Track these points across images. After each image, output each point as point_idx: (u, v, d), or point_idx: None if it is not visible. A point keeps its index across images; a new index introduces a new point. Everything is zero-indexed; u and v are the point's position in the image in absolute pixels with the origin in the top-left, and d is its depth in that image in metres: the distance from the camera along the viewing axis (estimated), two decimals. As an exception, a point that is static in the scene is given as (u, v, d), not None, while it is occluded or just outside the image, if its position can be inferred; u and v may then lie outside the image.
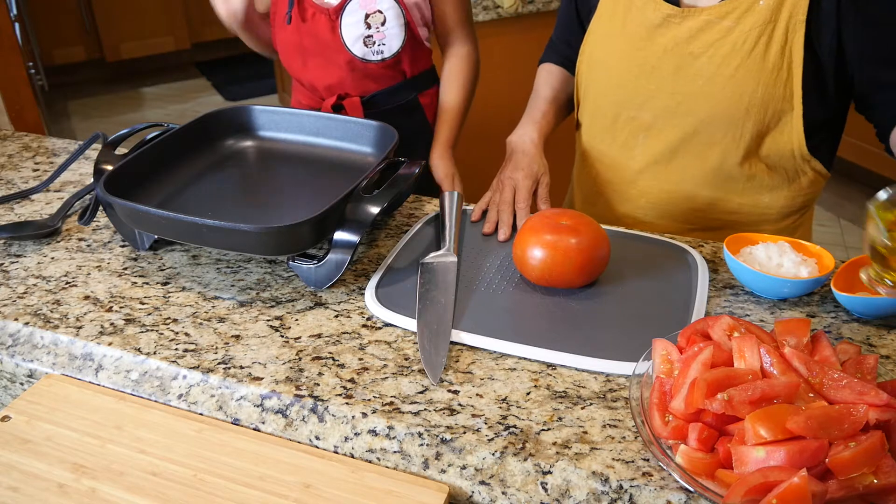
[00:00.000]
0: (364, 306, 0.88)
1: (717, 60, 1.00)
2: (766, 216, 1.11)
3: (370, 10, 1.25)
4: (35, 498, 0.68)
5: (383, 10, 1.26)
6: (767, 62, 0.98)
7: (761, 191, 1.08)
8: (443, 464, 0.70)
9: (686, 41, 1.02)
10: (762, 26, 0.97)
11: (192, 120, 1.12)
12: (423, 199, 1.13)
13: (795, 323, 0.74)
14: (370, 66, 1.30)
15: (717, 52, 1.00)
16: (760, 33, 0.97)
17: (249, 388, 0.77)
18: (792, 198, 1.10)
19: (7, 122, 2.32)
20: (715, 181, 1.08)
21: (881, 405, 0.63)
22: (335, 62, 1.31)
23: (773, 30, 0.97)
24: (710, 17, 1.00)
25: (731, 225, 1.12)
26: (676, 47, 1.03)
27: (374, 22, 1.26)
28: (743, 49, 0.98)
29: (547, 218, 0.90)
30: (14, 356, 0.85)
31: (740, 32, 0.98)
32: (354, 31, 1.27)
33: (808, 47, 0.97)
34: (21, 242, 1.03)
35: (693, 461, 0.64)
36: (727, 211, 1.11)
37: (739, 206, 1.10)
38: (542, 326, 0.84)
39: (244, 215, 0.99)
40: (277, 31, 1.35)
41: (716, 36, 1.00)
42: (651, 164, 1.11)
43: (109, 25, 3.95)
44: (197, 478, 0.70)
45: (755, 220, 1.11)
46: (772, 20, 0.97)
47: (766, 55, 0.98)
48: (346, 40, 1.27)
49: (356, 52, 1.28)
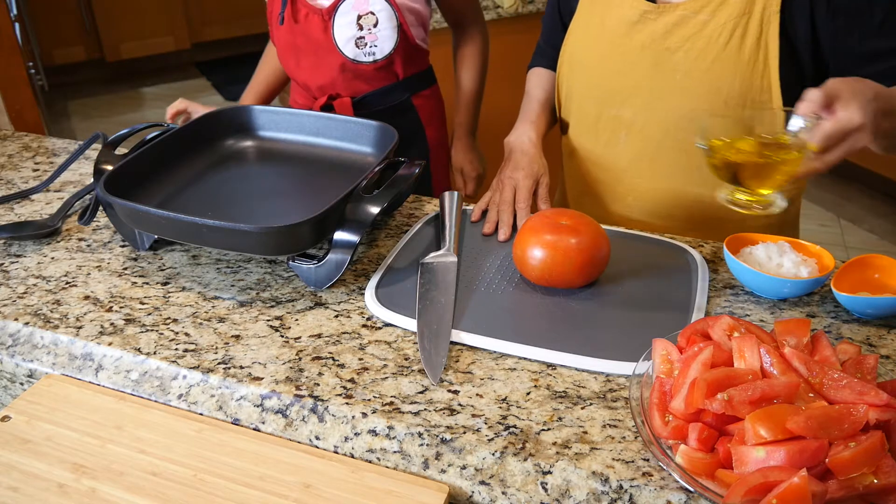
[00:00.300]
0: (364, 306, 0.88)
1: (693, 55, 1.01)
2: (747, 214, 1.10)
3: (362, 12, 1.25)
4: (35, 498, 0.68)
5: (376, 12, 1.26)
6: (743, 54, 0.98)
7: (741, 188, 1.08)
8: (443, 464, 0.70)
9: (662, 37, 1.03)
10: (737, 19, 0.98)
11: (191, 120, 1.12)
12: (423, 199, 1.13)
13: (795, 323, 0.74)
14: (361, 68, 1.30)
15: (693, 47, 1.01)
16: (735, 26, 0.98)
17: (249, 388, 0.77)
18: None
19: (7, 122, 2.32)
20: (699, 177, 1.08)
21: (881, 405, 0.63)
22: (327, 63, 1.31)
23: (748, 22, 0.97)
24: (686, 12, 1.01)
25: (718, 222, 1.12)
26: (653, 43, 1.04)
27: (367, 23, 1.26)
28: (718, 42, 0.99)
29: (547, 218, 0.90)
30: (14, 356, 0.85)
31: (715, 26, 0.99)
32: (346, 33, 1.27)
33: (783, 38, 0.97)
34: (21, 242, 1.03)
35: (693, 461, 0.64)
36: (714, 207, 1.11)
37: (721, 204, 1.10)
38: (542, 326, 0.84)
39: (244, 215, 0.99)
40: (273, 29, 1.35)
41: (691, 30, 1.01)
42: (635, 161, 1.12)
43: (109, 25, 3.95)
44: (197, 478, 0.70)
45: (743, 216, 1.11)
46: (746, 12, 0.97)
47: (742, 47, 0.98)
48: (337, 41, 1.27)
49: (348, 54, 1.28)
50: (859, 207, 2.98)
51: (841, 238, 2.82)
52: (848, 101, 0.80)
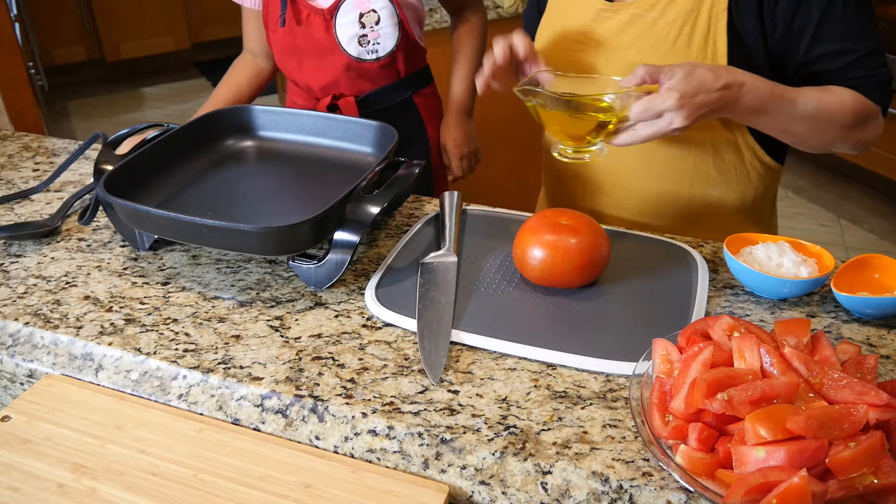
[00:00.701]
0: (364, 306, 0.88)
1: (644, 53, 1.02)
2: (718, 210, 1.12)
3: (364, 10, 1.26)
4: (35, 498, 0.68)
5: (377, 10, 1.26)
6: (691, 51, 0.99)
7: (709, 185, 1.10)
8: (443, 464, 0.70)
9: (616, 34, 1.04)
10: (685, 16, 0.99)
11: (192, 120, 1.12)
12: (423, 199, 1.13)
13: (795, 323, 0.74)
14: (365, 66, 1.30)
15: (645, 45, 1.02)
16: (683, 23, 0.99)
17: (249, 388, 0.77)
18: (742, 192, 1.11)
19: (7, 122, 2.32)
20: (661, 174, 1.10)
21: (881, 405, 0.63)
22: (330, 62, 1.31)
23: (696, 19, 0.98)
24: (638, 10, 1.02)
25: (685, 218, 1.13)
26: (608, 41, 1.05)
27: (369, 21, 1.26)
28: (667, 40, 1.00)
29: (547, 218, 0.90)
30: (14, 356, 0.85)
31: (664, 23, 1.00)
32: (349, 31, 1.27)
33: (733, 36, 0.98)
34: (21, 242, 1.03)
35: (693, 461, 0.64)
36: (679, 204, 1.12)
37: (689, 200, 1.11)
38: (542, 326, 0.84)
39: (244, 215, 0.99)
40: (270, 33, 1.35)
41: (642, 28, 1.02)
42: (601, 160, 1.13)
43: (109, 25, 3.95)
44: (197, 478, 0.70)
45: (711, 213, 1.13)
46: (694, 10, 0.98)
47: (690, 45, 0.99)
48: (340, 40, 1.27)
49: (351, 52, 1.29)
50: (859, 207, 2.98)
51: (841, 238, 2.82)
52: (673, 87, 0.86)
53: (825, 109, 0.96)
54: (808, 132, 0.97)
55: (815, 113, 0.95)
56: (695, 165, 1.08)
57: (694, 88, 0.86)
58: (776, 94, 0.93)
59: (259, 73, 1.47)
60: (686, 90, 0.86)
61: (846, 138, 0.99)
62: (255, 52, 1.45)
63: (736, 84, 0.89)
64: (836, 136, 0.99)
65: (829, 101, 0.96)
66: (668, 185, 1.11)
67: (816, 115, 0.96)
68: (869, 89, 0.98)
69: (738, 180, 1.10)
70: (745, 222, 1.15)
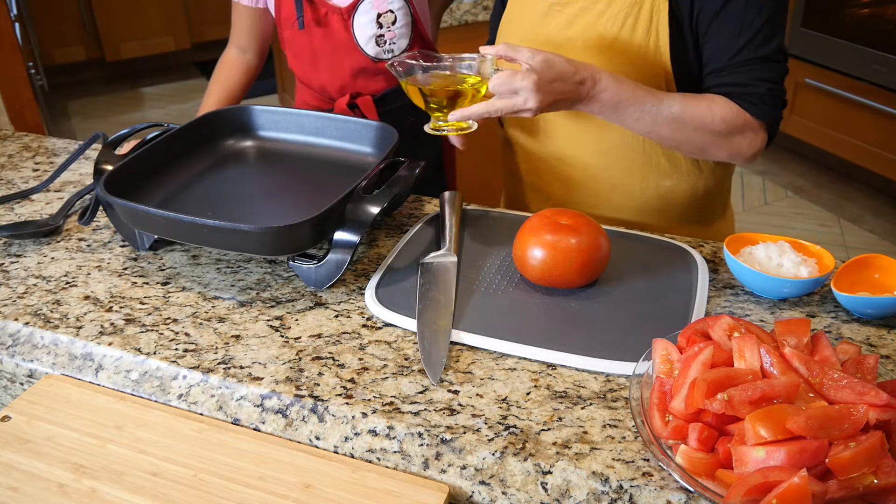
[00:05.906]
0: (364, 306, 0.88)
1: (590, 44, 1.04)
2: (671, 201, 1.13)
3: (382, 10, 1.27)
4: (35, 498, 0.68)
5: (394, 10, 1.27)
6: (634, 43, 1.01)
7: (661, 175, 1.11)
8: (443, 464, 0.70)
9: (566, 27, 1.06)
10: (629, 8, 1.00)
11: (192, 120, 1.12)
12: (423, 199, 1.13)
13: (795, 323, 0.74)
14: (381, 65, 1.31)
15: (591, 36, 1.03)
16: (627, 15, 1.01)
17: (249, 388, 0.77)
18: (693, 183, 1.12)
19: (7, 122, 2.32)
20: (613, 165, 1.11)
21: (881, 405, 0.63)
22: (348, 63, 1.32)
23: (640, 11, 1.00)
24: (585, 3, 1.04)
25: (639, 210, 1.14)
26: (559, 34, 1.07)
27: (386, 21, 1.28)
28: (611, 31, 1.02)
29: (547, 218, 0.90)
30: (14, 356, 0.85)
31: (609, 16, 1.02)
32: (367, 31, 1.28)
33: (675, 24, 1.00)
34: (21, 242, 1.03)
35: (693, 461, 0.64)
36: (632, 195, 1.13)
37: (642, 190, 1.12)
38: (542, 326, 0.84)
39: (244, 215, 0.99)
40: (285, 32, 1.35)
41: (589, 20, 1.03)
42: (554, 151, 1.15)
43: (109, 25, 3.95)
44: (197, 478, 0.70)
45: (665, 205, 1.14)
46: (638, 2, 1.00)
47: (633, 36, 1.01)
48: (359, 40, 1.29)
49: (369, 52, 1.30)
50: (859, 207, 2.98)
51: (841, 238, 2.82)
52: (533, 68, 0.89)
53: (691, 114, 0.97)
54: (675, 135, 0.98)
55: (679, 116, 0.97)
56: (645, 155, 1.09)
57: (553, 75, 0.90)
58: (638, 95, 0.95)
59: (248, 71, 1.46)
60: (545, 75, 0.89)
61: (720, 146, 1.00)
62: (245, 47, 1.44)
63: (591, 80, 0.93)
64: (707, 141, 0.99)
65: (696, 106, 0.97)
66: (621, 175, 1.12)
67: (682, 119, 0.97)
68: (745, 100, 0.98)
69: (688, 171, 1.11)
70: (698, 214, 1.16)
